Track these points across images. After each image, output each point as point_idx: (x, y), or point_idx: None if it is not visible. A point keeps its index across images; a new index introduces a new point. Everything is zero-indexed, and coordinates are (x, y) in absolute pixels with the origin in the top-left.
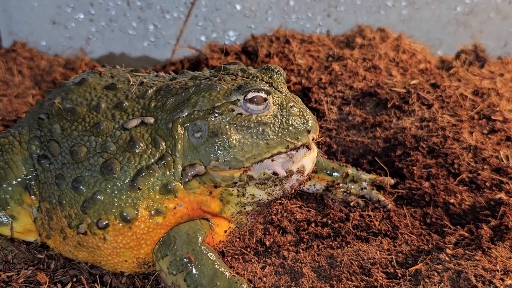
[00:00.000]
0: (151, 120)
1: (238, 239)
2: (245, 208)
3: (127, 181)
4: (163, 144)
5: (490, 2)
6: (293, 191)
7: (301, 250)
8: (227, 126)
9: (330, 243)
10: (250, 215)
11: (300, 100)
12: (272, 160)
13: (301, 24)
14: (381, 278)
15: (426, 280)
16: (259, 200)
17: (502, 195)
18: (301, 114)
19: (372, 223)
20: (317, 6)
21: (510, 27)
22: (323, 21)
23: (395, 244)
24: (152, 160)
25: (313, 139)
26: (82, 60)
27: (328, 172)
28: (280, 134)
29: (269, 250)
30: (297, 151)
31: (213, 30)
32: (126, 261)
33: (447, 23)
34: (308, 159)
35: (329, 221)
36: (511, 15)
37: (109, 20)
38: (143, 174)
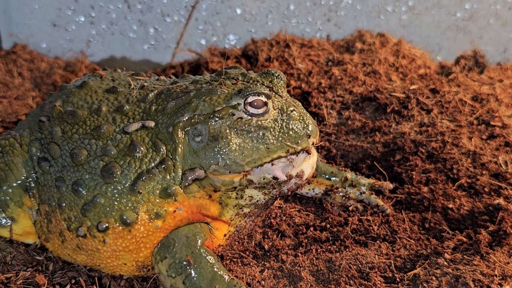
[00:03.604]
0: (151, 123)
1: (237, 243)
2: (242, 210)
3: (127, 184)
4: (164, 148)
5: (489, 8)
6: (289, 193)
7: (299, 254)
8: (228, 130)
9: (329, 247)
10: (248, 217)
11: (300, 104)
12: (272, 165)
13: (301, 28)
14: (379, 282)
15: (425, 285)
16: (257, 201)
17: (500, 201)
18: (301, 118)
19: (371, 228)
20: (317, 10)
21: (509, 33)
22: (323, 26)
23: (394, 248)
24: (153, 164)
25: (313, 144)
26: (82, 62)
27: (327, 176)
28: (280, 139)
29: (268, 254)
30: (297, 156)
31: (213, 34)
32: (125, 264)
33: (446, 28)
34: (307, 164)
35: (328, 225)
36: (511, 21)
37: (109, 23)
38: (143, 178)
